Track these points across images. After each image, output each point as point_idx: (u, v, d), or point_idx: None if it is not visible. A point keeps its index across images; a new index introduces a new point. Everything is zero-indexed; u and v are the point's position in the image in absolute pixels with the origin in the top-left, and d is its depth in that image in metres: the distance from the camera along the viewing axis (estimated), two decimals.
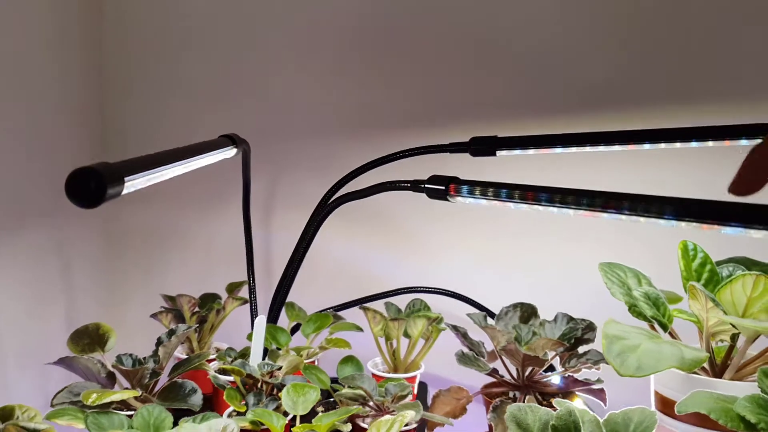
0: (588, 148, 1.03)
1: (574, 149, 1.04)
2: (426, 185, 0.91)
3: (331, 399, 1.02)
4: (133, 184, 0.61)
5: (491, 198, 0.83)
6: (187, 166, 0.76)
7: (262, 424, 0.82)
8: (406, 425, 0.92)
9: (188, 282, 1.50)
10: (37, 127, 1.27)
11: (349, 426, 0.85)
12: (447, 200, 0.90)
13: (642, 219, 0.69)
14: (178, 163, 0.72)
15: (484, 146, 1.07)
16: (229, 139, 0.95)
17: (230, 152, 0.95)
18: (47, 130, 1.30)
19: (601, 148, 1.02)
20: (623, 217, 0.70)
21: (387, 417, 0.74)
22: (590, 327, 1.07)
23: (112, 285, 1.53)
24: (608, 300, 0.99)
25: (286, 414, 0.89)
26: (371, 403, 0.93)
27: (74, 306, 1.39)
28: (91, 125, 1.47)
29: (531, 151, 1.06)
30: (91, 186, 0.54)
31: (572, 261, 1.30)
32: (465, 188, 0.86)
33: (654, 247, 1.22)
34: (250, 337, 1.11)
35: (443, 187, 0.89)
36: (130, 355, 0.97)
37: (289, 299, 1.26)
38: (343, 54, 1.40)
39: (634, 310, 0.98)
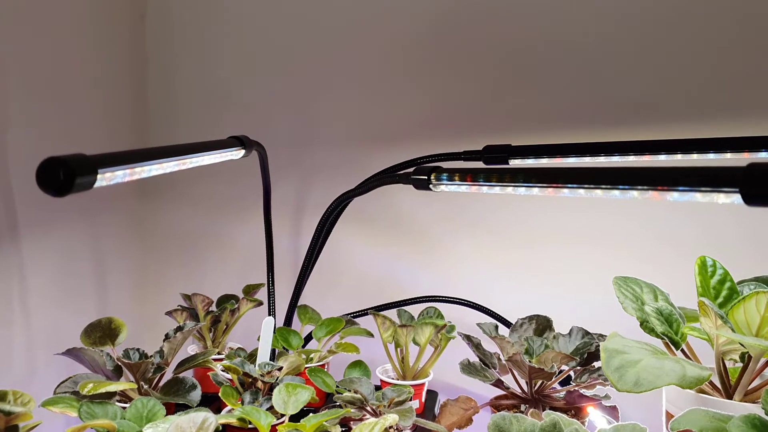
0: (602, 158, 1.01)
1: (588, 159, 1.01)
2: (412, 176, 0.91)
3: (337, 403, 1.02)
4: (114, 176, 0.62)
5: (471, 183, 0.84)
6: (182, 163, 0.78)
7: (250, 422, 0.83)
8: (399, 431, 0.91)
9: (220, 283, 1.53)
10: (76, 125, 1.31)
11: (339, 428, 0.85)
12: (430, 189, 0.91)
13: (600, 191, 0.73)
14: (170, 159, 0.74)
15: (497, 154, 1.06)
16: (238, 140, 0.96)
17: (237, 153, 0.96)
18: (86, 127, 1.34)
19: (616, 158, 1.00)
20: (582, 191, 0.75)
21: (370, 420, 0.73)
22: None
23: (143, 282, 1.57)
24: (629, 316, 0.96)
25: (283, 416, 0.90)
26: (367, 407, 0.93)
27: (105, 301, 1.43)
28: (132, 123, 1.52)
29: (544, 161, 1.04)
30: (59, 175, 0.56)
31: (597, 274, 1.26)
32: (445, 176, 0.87)
33: (687, 262, 1.18)
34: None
35: (425, 177, 0.89)
36: (138, 349, 0.99)
37: (312, 306, 1.27)
38: (372, 65, 1.41)
39: (645, 326, 0.95)
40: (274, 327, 1.11)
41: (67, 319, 1.31)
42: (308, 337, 1.23)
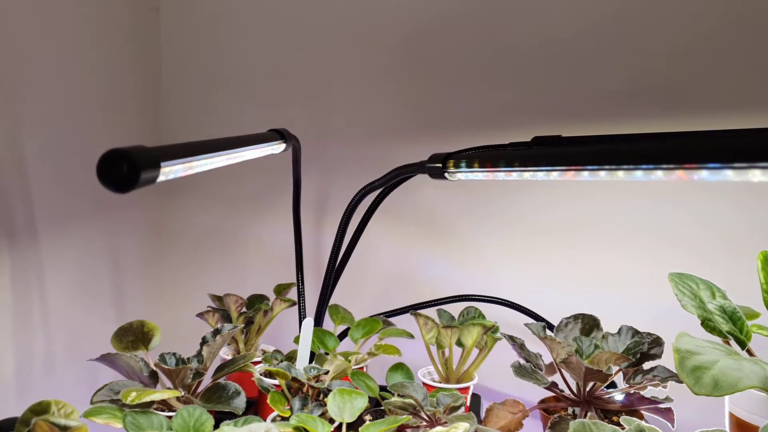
0: None
1: None
2: (427, 164, 0.89)
3: (380, 407, 0.97)
4: (172, 170, 0.57)
5: (485, 170, 0.81)
6: (232, 157, 0.73)
7: (306, 431, 0.78)
8: None
9: (241, 281, 1.48)
10: (91, 122, 1.26)
11: None
12: (446, 178, 0.88)
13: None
14: (222, 153, 0.69)
15: (546, 145, 1.01)
16: (278, 134, 0.91)
17: (279, 147, 0.91)
18: (102, 123, 1.29)
19: None
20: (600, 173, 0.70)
21: (439, 428, 0.69)
22: (657, 342, 1.00)
23: (162, 281, 1.52)
24: (676, 313, 0.92)
25: (332, 421, 0.85)
26: (422, 414, 0.88)
27: (123, 301, 1.37)
28: (147, 120, 1.47)
29: None
30: (123, 169, 0.50)
31: (638, 272, 1.22)
32: (464, 163, 0.83)
33: (725, 259, 1.14)
34: (297, 340, 1.07)
35: (440, 165, 0.88)
36: (174, 354, 0.94)
37: (341, 304, 1.22)
38: (398, 61, 1.36)
39: (707, 324, 0.91)
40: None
41: (84, 320, 1.26)
42: (339, 338, 1.18)
